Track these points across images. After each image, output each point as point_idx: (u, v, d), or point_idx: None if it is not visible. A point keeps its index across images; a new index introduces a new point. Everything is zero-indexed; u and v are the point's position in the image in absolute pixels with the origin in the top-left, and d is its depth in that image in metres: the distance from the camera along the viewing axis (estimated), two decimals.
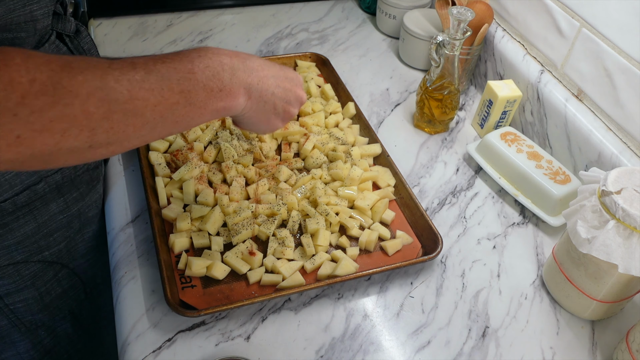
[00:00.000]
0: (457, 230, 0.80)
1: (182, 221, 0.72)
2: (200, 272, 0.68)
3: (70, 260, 0.77)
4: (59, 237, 0.72)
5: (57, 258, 0.74)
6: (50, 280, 0.75)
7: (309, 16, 1.24)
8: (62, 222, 0.72)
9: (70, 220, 0.73)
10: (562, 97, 0.88)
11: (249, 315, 0.67)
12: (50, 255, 0.72)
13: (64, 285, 0.78)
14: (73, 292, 0.80)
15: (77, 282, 0.80)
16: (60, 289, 0.77)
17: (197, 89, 0.51)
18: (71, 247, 0.76)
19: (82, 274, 0.79)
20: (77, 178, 0.71)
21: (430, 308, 0.70)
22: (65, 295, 0.79)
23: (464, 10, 0.83)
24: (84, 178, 0.72)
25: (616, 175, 0.62)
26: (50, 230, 0.71)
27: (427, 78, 0.92)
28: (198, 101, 0.51)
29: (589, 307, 0.68)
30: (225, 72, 0.53)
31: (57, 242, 0.72)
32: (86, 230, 0.77)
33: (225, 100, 0.54)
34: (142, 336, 0.63)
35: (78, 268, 0.78)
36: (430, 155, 0.92)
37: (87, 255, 0.79)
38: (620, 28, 0.77)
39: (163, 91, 0.48)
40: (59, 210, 0.70)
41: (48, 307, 0.77)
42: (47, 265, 0.73)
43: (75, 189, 0.71)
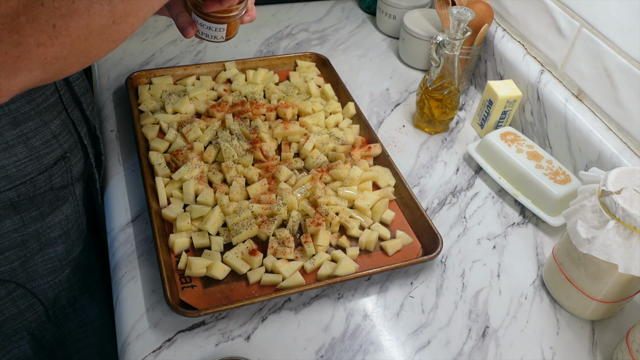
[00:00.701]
0: (457, 230, 0.80)
1: (182, 221, 0.72)
2: (200, 272, 0.68)
3: (27, 281, 0.74)
4: (11, 256, 0.70)
5: (10, 277, 0.71)
6: (3, 298, 0.72)
7: (309, 16, 1.24)
8: (16, 240, 0.69)
9: (26, 239, 0.70)
10: (562, 97, 0.88)
11: (249, 315, 0.67)
12: (1, 274, 0.70)
13: (19, 306, 0.75)
14: (31, 313, 0.77)
15: (35, 303, 0.76)
16: (15, 309, 0.74)
17: None
18: (28, 267, 0.73)
19: (41, 295, 0.76)
20: (38, 197, 0.68)
21: (430, 308, 0.70)
22: (21, 316, 0.76)
23: (464, 10, 0.83)
24: (45, 197, 0.69)
25: (616, 175, 0.62)
26: (2, 248, 0.68)
27: (427, 78, 0.92)
28: None
29: (589, 307, 0.68)
30: None
31: (9, 261, 0.70)
32: (47, 251, 0.74)
33: None
34: (142, 336, 0.63)
35: (37, 289, 0.75)
36: (430, 155, 0.92)
37: (48, 277, 0.76)
38: (620, 28, 0.77)
39: None
40: (13, 228, 0.68)
41: (1, 327, 0.74)
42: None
43: (35, 208, 0.69)
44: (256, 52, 1.11)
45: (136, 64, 1.04)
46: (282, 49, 1.13)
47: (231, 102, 0.92)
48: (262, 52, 1.11)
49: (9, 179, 0.63)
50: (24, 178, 0.65)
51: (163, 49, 1.08)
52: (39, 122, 0.64)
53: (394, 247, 0.74)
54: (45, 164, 0.66)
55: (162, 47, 1.09)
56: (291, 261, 0.71)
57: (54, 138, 0.67)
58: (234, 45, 1.12)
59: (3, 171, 0.62)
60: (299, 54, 1.05)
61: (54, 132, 0.66)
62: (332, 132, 0.89)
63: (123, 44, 1.09)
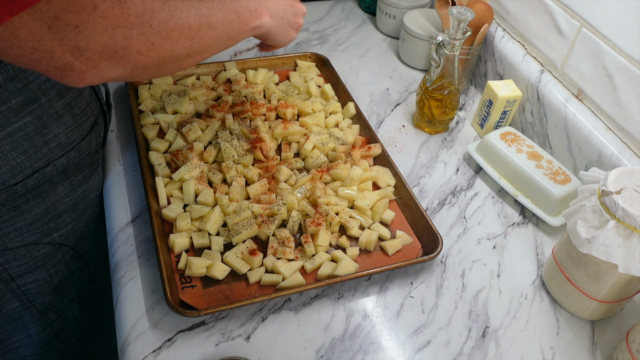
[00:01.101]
0: (457, 230, 0.80)
1: (182, 221, 0.72)
2: (200, 272, 0.68)
3: (76, 243, 0.79)
4: (66, 219, 0.75)
5: (65, 240, 0.77)
6: (59, 262, 0.78)
7: (309, 16, 1.24)
8: (69, 204, 0.75)
9: (76, 202, 0.76)
10: (562, 97, 0.88)
11: (249, 315, 0.67)
12: (59, 237, 0.75)
13: (70, 268, 0.81)
14: (79, 274, 0.83)
15: (82, 264, 0.82)
16: (67, 271, 0.80)
17: (243, 10, 0.64)
18: (77, 229, 0.78)
19: (86, 255, 0.82)
20: (81, 161, 0.74)
21: (430, 308, 0.70)
22: (72, 277, 0.81)
23: (464, 10, 0.83)
24: (86, 161, 0.75)
25: (616, 175, 0.62)
26: (59, 212, 0.73)
27: (427, 78, 0.92)
28: (244, 19, 0.64)
29: (589, 307, 0.68)
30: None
31: (65, 224, 0.75)
32: (89, 212, 0.79)
33: (259, 19, 0.67)
34: (142, 336, 0.63)
35: (83, 250, 0.81)
36: (430, 155, 0.92)
37: (91, 237, 0.82)
38: (620, 28, 0.77)
39: (226, 11, 0.61)
40: (65, 193, 0.73)
41: (57, 289, 0.80)
42: (57, 247, 0.76)
43: (80, 172, 0.75)
44: (256, 52, 1.11)
45: None
46: (282, 49, 1.13)
47: (231, 102, 0.92)
48: (262, 52, 1.11)
49: (61, 147, 0.69)
50: (71, 145, 0.71)
51: None
52: (76, 91, 0.70)
53: (394, 247, 0.74)
54: (85, 130, 0.73)
55: None
56: (291, 261, 0.71)
57: (88, 106, 0.73)
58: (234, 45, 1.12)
59: (56, 139, 0.68)
60: (299, 54, 1.05)
61: (88, 100, 0.73)
62: (332, 132, 0.89)
63: None
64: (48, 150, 0.67)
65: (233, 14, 0.62)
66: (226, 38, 0.62)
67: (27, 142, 0.65)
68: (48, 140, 0.67)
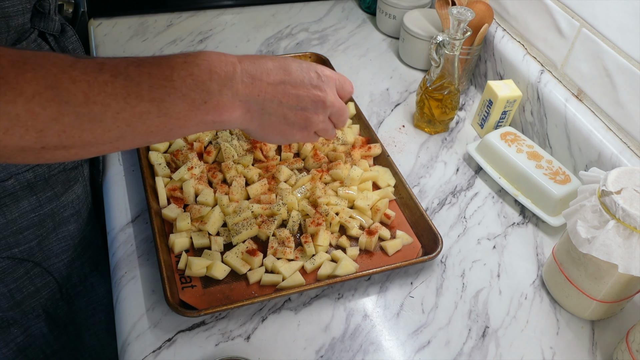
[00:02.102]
0: (457, 230, 0.80)
1: (182, 221, 0.72)
2: (200, 272, 0.68)
3: (44, 259, 0.76)
4: (29, 235, 0.72)
5: (28, 256, 0.73)
6: (22, 277, 0.75)
7: (309, 16, 1.24)
8: (34, 220, 0.71)
9: (42, 219, 0.72)
10: (562, 97, 0.88)
11: (249, 315, 0.67)
12: (20, 253, 0.72)
13: (36, 284, 0.77)
14: (47, 291, 0.79)
15: (50, 281, 0.79)
16: (32, 287, 0.77)
17: (174, 99, 0.45)
18: (44, 246, 0.75)
19: (56, 273, 0.79)
20: (52, 177, 0.70)
21: (430, 308, 0.70)
22: (38, 294, 0.78)
23: (464, 10, 0.83)
24: (59, 178, 0.71)
25: (616, 175, 0.62)
26: (21, 227, 0.70)
27: (427, 78, 0.92)
28: (175, 112, 0.46)
29: (589, 307, 0.68)
30: (214, 82, 0.47)
31: (27, 240, 0.72)
32: (61, 229, 0.76)
33: (213, 114, 0.48)
34: (142, 336, 0.63)
35: (52, 267, 0.78)
36: (430, 155, 0.92)
37: (62, 255, 0.78)
38: (620, 28, 0.77)
39: (129, 97, 0.43)
40: (30, 209, 0.70)
41: (20, 305, 0.77)
42: (17, 263, 0.73)
43: (50, 188, 0.71)
44: (256, 52, 1.11)
45: None
46: (282, 49, 1.13)
47: None
48: (262, 52, 1.11)
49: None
50: None
51: (163, 49, 1.08)
52: None
53: (394, 247, 0.74)
54: None
55: (162, 47, 1.09)
56: (291, 261, 0.71)
57: None
58: (234, 45, 1.12)
59: None
60: (299, 54, 1.05)
61: None
62: None
63: (123, 43, 1.09)
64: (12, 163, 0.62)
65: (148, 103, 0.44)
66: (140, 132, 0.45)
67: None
68: None
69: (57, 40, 0.69)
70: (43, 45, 0.66)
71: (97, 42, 1.08)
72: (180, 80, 0.45)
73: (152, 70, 0.44)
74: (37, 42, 0.65)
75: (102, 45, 1.07)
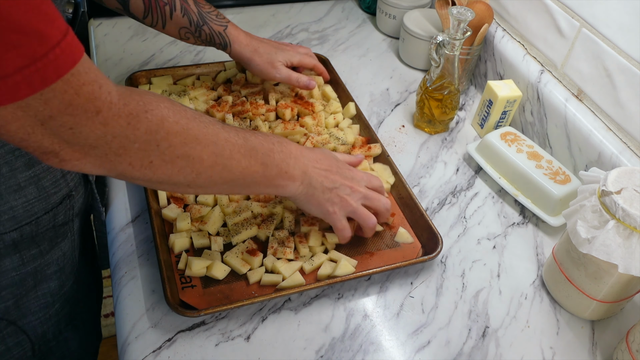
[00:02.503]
0: (457, 230, 0.80)
1: (182, 221, 0.72)
2: (200, 272, 0.68)
3: (19, 317, 0.72)
4: (7, 295, 0.69)
5: (3, 314, 0.70)
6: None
7: (309, 16, 1.24)
8: (15, 279, 0.68)
9: (23, 277, 0.69)
10: (562, 97, 0.88)
11: (249, 315, 0.67)
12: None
13: (8, 343, 0.73)
14: (18, 350, 0.75)
15: (24, 340, 0.75)
16: (3, 346, 0.73)
17: (272, 166, 0.61)
18: (22, 304, 0.71)
19: (30, 331, 0.75)
20: (39, 235, 0.67)
21: (430, 308, 0.70)
22: (8, 353, 0.74)
23: (464, 10, 0.83)
24: (46, 235, 0.69)
25: (616, 175, 0.62)
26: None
27: (427, 78, 0.92)
28: (270, 175, 0.61)
29: (589, 307, 0.68)
30: (291, 159, 0.64)
31: (4, 300, 0.69)
32: (41, 287, 0.73)
33: (286, 180, 0.63)
34: (142, 336, 0.63)
35: (27, 326, 0.74)
36: (430, 155, 0.92)
37: (39, 313, 0.75)
38: (620, 28, 0.77)
39: (251, 159, 0.58)
40: (12, 267, 0.67)
41: None
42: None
43: (35, 246, 0.68)
44: None
45: (136, 64, 1.04)
46: None
47: (231, 102, 0.92)
48: None
49: (15, 220, 0.63)
50: (29, 218, 0.65)
51: (163, 49, 1.08)
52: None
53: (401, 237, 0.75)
54: (51, 204, 0.66)
55: (162, 47, 1.09)
56: (291, 261, 0.71)
57: (62, 177, 0.67)
58: None
59: (11, 212, 0.62)
60: None
61: (63, 171, 0.66)
62: (332, 132, 0.89)
63: (123, 43, 1.09)
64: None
65: (260, 166, 0.59)
66: (241, 185, 0.60)
67: None
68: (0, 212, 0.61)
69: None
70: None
71: (97, 42, 1.08)
72: (278, 154, 0.62)
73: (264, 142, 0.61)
74: None
75: (102, 45, 1.08)
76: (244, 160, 0.58)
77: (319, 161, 0.67)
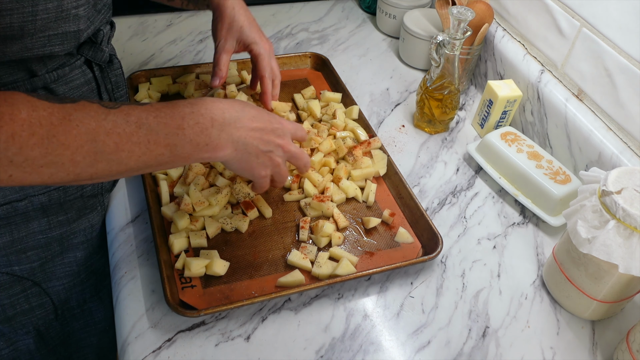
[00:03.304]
0: (457, 230, 0.80)
1: (180, 219, 0.72)
2: (199, 271, 0.68)
3: (44, 280, 0.75)
4: (33, 256, 0.71)
5: (29, 275, 0.73)
6: (17, 294, 0.74)
7: (309, 16, 1.24)
8: (40, 241, 0.70)
9: (49, 242, 0.71)
10: (562, 97, 0.87)
11: (249, 315, 0.66)
12: (20, 271, 0.71)
13: (32, 303, 0.76)
14: (41, 311, 0.78)
15: (47, 302, 0.78)
16: (27, 305, 0.76)
17: (184, 143, 0.55)
18: (47, 268, 0.74)
19: (54, 295, 0.78)
20: (67, 202, 0.69)
21: (430, 308, 0.70)
22: (31, 312, 0.77)
23: (464, 10, 0.83)
24: (74, 204, 0.70)
25: (616, 175, 0.62)
26: (25, 247, 0.69)
27: (427, 78, 0.92)
28: (183, 153, 0.56)
29: (589, 307, 0.68)
30: (214, 128, 0.57)
31: (30, 260, 0.71)
32: (68, 255, 0.75)
33: (210, 153, 0.58)
34: (142, 336, 0.63)
35: (51, 289, 0.77)
36: (430, 155, 0.92)
37: (64, 279, 0.77)
38: (620, 28, 0.77)
39: (149, 144, 0.53)
40: (39, 230, 0.69)
41: (10, 320, 0.76)
42: (15, 280, 0.72)
43: (63, 213, 0.70)
44: None
45: (136, 63, 1.04)
46: (282, 49, 1.13)
47: None
48: None
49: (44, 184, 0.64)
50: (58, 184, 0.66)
51: (163, 49, 1.08)
52: None
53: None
54: None
55: (162, 46, 1.09)
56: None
57: None
58: None
59: None
60: (298, 53, 1.05)
61: None
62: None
63: (123, 43, 1.09)
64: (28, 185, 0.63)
65: (163, 148, 0.54)
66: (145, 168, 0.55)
67: None
68: None
69: (102, 70, 0.69)
70: (87, 72, 0.66)
71: None
72: (189, 129, 0.56)
73: (167, 120, 0.54)
74: (81, 69, 0.65)
75: None
76: (138, 148, 0.52)
77: (253, 119, 0.62)
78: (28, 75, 0.58)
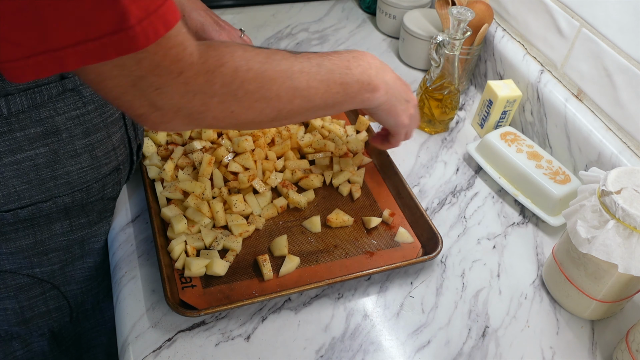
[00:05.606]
0: (457, 230, 0.80)
1: (178, 222, 0.71)
2: (199, 272, 0.68)
3: (63, 284, 0.75)
4: (54, 258, 0.71)
5: (49, 277, 0.73)
6: (36, 297, 0.74)
7: (309, 16, 1.24)
8: (62, 244, 0.71)
9: (70, 244, 0.72)
10: (562, 97, 0.88)
11: (249, 315, 0.67)
12: (40, 273, 0.72)
13: (49, 306, 0.76)
14: (57, 314, 0.79)
15: (64, 305, 0.78)
16: (44, 307, 0.76)
17: (352, 82, 0.62)
18: (67, 271, 0.74)
19: (71, 298, 0.78)
20: (89, 205, 0.70)
21: (430, 308, 0.70)
22: (48, 315, 0.77)
23: (464, 10, 0.83)
24: (95, 206, 0.71)
25: (616, 175, 0.62)
26: (47, 249, 0.70)
27: (427, 78, 0.92)
28: (352, 92, 0.63)
29: (588, 307, 0.68)
30: (372, 69, 0.65)
31: (51, 263, 0.72)
32: (88, 259, 0.76)
33: (370, 93, 0.65)
34: (142, 336, 0.63)
35: (69, 293, 0.77)
36: (430, 155, 0.92)
37: (82, 283, 0.78)
38: (620, 28, 0.77)
39: (329, 82, 0.60)
40: (61, 232, 0.70)
41: (27, 322, 0.76)
42: (35, 282, 0.72)
43: (85, 215, 0.71)
44: None
45: None
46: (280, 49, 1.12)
47: None
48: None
49: (69, 185, 0.65)
50: (81, 185, 0.66)
51: None
52: (105, 134, 0.66)
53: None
54: (102, 173, 0.68)
55: None
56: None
57: (113, 150, 0.68)
58: None
59: (66, 177, 0.64)
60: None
61: (115, 145, 0.68)
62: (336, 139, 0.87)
63: None
64: (54, 186, 0.64)
65: (339, 86, 0.61)
66: (324, 108, 0.62)
67: (34, 173, 0.61)
68: (57, 176, 0.63)
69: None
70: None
71: None
72: (355, 69, 0.63)
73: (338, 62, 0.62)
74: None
75: None
76: (322, 86, 0.59)
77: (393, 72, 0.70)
78: (59, 77, 0.59)
